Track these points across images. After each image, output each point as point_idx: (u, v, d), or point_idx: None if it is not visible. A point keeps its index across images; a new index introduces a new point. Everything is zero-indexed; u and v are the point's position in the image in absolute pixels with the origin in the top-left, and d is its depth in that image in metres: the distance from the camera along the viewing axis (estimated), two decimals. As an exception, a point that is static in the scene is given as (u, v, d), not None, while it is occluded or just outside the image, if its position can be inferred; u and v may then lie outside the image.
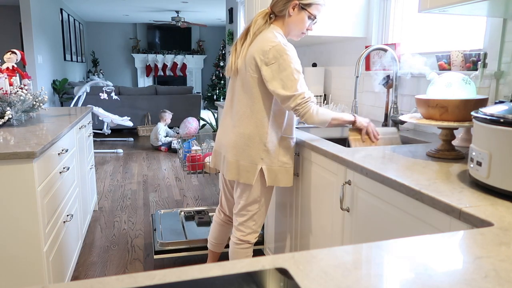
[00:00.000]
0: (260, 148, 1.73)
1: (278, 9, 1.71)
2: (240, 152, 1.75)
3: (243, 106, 1.75)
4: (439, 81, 1.40)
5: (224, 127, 1.86)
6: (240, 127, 1.75)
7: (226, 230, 2.17)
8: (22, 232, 1.68)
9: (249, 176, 1.76)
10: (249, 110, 1.73)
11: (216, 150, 1.94)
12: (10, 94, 2.27)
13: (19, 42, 7.76)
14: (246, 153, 1.74)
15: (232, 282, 0.60)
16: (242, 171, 1.76)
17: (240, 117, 1.76)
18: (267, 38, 1.65)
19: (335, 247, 0.71)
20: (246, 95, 1.73)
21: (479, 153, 1.03)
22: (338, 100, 2.84)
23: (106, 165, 5.08)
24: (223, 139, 1.85)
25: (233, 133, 1.78)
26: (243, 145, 1.74)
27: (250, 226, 1.89)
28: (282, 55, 1.61)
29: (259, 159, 1.74)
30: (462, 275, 0.62)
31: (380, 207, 1.27)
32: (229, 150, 1.79)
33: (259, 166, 1.75)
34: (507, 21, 1.58)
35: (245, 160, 1.75)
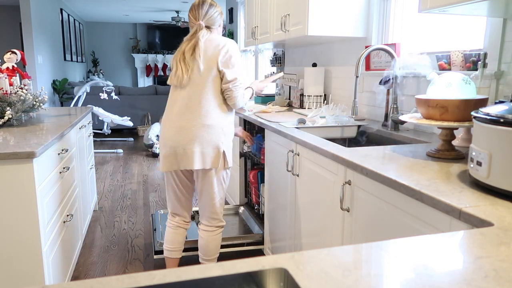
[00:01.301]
0: (220, 133, 2.00)
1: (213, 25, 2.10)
2: (203, 142, 1.96)
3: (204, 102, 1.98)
4: (439, 81, 1.40)
5: (178, 127, 1.98)
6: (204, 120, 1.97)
7: (183, 233, 2.24)
8: (22, 232, 1.68)
9: (215, 161, 2.00)
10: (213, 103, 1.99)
11: (167, 154, 2.00)
12: (10, 94, 2.27)
13: (19, 42, 7.76)
14: (207, 140, 1.98)
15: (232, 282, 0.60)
16: (208, 158, 1.98)
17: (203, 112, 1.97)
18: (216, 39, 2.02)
19: (335, 247, 0.71)
20: (206, 92, 1.98)
21: (479, 153, 1.03)
22: (338, 100, 2.84)
23: (106, 165, 5.08)
24: (179, 137, 1.97)
25: (195, 128, 1.96)
26: (206, 134, 1.97)
27: (221, 211, 2.15)
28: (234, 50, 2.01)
29: (220, 143, 2.00)
30: (462, 275, 0.62)
31: (380, 207, 1.27)
32: (191, 144, 1.96)
33: (221, 149, 2.00)
34: (507, 21, 1.58)
35: (208, 147, 1.98)
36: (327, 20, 2.42)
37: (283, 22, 2.76)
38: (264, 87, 2.36)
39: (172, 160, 2.00)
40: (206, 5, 2.05)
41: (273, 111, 2.91)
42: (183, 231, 2.23)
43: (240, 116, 2.95)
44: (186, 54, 2.01)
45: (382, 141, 2.10)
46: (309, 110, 2.84)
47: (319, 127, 2.23)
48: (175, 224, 2.22)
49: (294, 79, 3.38)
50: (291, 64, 3.71)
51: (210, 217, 2.12)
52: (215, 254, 2.20)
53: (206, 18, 2.05)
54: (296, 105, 3.22)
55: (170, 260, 2.24)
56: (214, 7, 2.07)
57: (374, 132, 2.19)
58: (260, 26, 3.31)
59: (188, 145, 1.96)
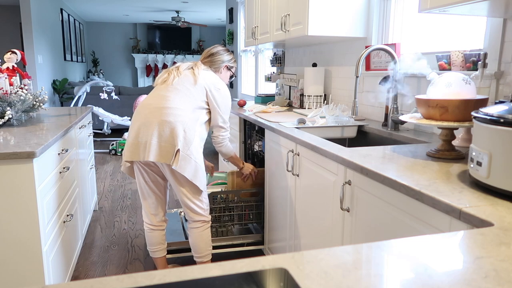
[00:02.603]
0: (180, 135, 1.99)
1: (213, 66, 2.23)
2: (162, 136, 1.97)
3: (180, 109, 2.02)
4: (439, 81, 1.40)
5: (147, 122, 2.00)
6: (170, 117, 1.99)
7: (160, 234, 2.25)
8: (22, 232, 1.68)
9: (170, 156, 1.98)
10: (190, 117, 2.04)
11: (131, 143, 2.01)
12: (10, 94, 2.27)
13: (19, 42, 7.77)
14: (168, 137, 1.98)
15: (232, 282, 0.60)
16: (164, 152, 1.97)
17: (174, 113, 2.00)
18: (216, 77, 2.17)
19: (335, 247, 0.71)
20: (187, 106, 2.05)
21: (479, 153, 1.03)
22: (338, 100, 2.84)
23: (106, 165, 5.08)
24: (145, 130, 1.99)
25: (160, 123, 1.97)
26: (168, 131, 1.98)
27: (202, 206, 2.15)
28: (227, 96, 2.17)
29: (178, 141, 1.98)
30: (462, 275, 0.62)
31: (380, 207, 1.27)
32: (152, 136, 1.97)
33: (177, 147, 1.97)
34: (507, 21, 1.58)
35: (167, 142, 1.97)
36: (327, 20, 2.42)
37: (283, 22, 2.76)
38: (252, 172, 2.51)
39: (134, 150, 1.99)
40: (215, 50, 2.24)
41: (273, 111, 2.91)
42: (158, 233, 2.23)
43: (241, 116, 2.95)
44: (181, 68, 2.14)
45: (382, 141, 2.10)
46: (309, 110, 2.84)
47: (319, 127, 2.23)
48: (149, 227, 2.23)
49: (294, 79, 3.38)
50: (291, 64, 3.71)
51: (190, 213, 2.13)
52: (206, 251, 2.19)
53: (207, 60, 2.23)
54: (296, 105, 3.22)
55: (156, 259, 2.29)
56: (221, 55, 2.23)
57: (374, 132, 2.19)
58: (260, 26, 3.31)
59: (149, 137, 1.96)
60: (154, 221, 2.21)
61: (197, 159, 2.03)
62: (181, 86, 2.07)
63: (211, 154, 5.64)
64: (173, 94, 2.04)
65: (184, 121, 2.00)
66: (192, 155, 2.00)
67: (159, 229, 2.23)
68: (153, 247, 2.25)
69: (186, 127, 1.99)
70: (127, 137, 2.04)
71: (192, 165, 2.00)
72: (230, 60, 2.28)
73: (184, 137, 1.98)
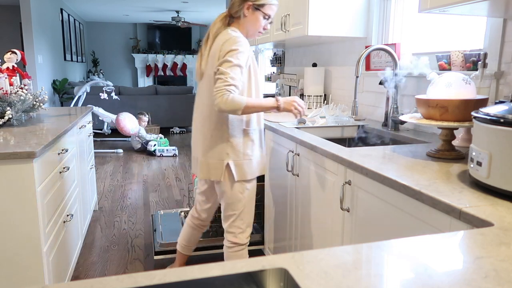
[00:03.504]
0: (224, 144, 1.79)
1: (234, 11, 1.79)
2: (207, 150, 1.82)
3: (205, 107, 1.82)
4: (439, 81, 1.39)
5: (194, 131, 1.93)
6: (204, 127, 1.82)
7: (198, 234, 2.21)
8: (22, 232, 1.68)
9: (217, 172, 1.82)
10: (211, 108, 1.79)
11: (192, 155, 1.97)
12: (10, 94, 2.27)
13: (19, 42, 7.76)
14: (213, 151, 1.81)
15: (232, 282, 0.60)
16: (212, 169, 1.83)
17: (204, 118, 1.83)
18: (223, 36, 1.74)
19: (335, 247, 0.71)
20: (208, 95, 1.80)
21: (479, 153, 1.03)
22: (338, 100, 2.84)
23: (106, 165, 5.08)
24: (194, 143, 1.92)
25: (201, 134, 1.85)
26: (209, 144, 1.81)
27: (239, 225, 1.92)
28: (231, 47, 1.67)
29: (225, 155, 1.80)
30: (462, 275, 0.62)
31: (380, 207, 1.27)
32: (199, 151, 1.86)
33: (225, 161, 1.80)
34: (507, 21, 1.58)
35: (213, 158, 1.82)
36: (327, 20, 2.42)
37: (283, 22, 2.76)
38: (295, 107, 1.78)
39: (194, 163, 1.96)
40: None
41: (273, 111, 2.91)
42: (198, 232, 2.19)
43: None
44: (203, 42, 1.84)
45: (382, 141, 2.10)
46: (309, 110, 2.84)
47: (319, 127, 2.23)
48: (190, 224, 2.18)
49: (294, 79, 3.38)
50: (291, 64, 3.71)
51: (226, 229, 1.96)
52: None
53: (230, 5, 1.82)
54: (296, 105, 3.22)
55: (181, 255, 2.24)
56: None
57: (374, 132, 2.19)
58: (260, 26, 3.31)
59: (199, 153, 1.87)
60: (198, 221, 2.16)
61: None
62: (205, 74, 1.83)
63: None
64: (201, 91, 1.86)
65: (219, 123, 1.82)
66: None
67: (201, 230, 2.19)
68: (187, 243, 2.19)
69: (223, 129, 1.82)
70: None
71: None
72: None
73: (232, 145, 1.81)
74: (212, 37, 1.79)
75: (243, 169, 1.83)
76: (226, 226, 1.94)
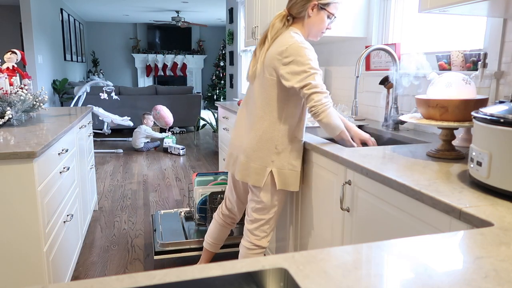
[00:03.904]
0: (271, 151, 1.73)
1: (296, 11, 1.70)
2: (251, 153, 1.75)
3: (257, 109, 1.74)
4: (439, 81, 1.40)
5: (238, 130, 1.86)
6: (253, 129, 1.75)
7: (226, 232, 2.18)
8: (22, 232, 1.68)
9: (258, 178, 1.75)
10: (263, 112, 1.73)
11: (229, 153, 1.92)
12: (10, 94, 2.27)
13: (19, 42, 7.76)
14: (257, 155, 1.74)
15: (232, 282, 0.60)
16: (252, 173, 1.76)
17: (254, 120, 1.76)
18: (284, 40, 1.65)
19: (335, 247, 0.71)
20: (262, 98, 1.73)
21: (479, 153, 1.03)
22: (338, 100, 2.84)
23: (106, 165, 5.08)
24: (236, 141, 1.86)
25: (248, 135, 1.78)
26: (255, 147, 1.74)
27: (265, 230, 1.87)
28: (299, 52, 1.60)
29: (270, 162, 1.74)
30: (462, 275, 0.62)
31: (380, 207, 1.27)
32: (242, 152, 1.79)
33: (269, 168, 1.74)
34: (507, 21, 1.58)
35: (256, 162, 1.74)
36: (327, 20, 2.42)
37: (283, 22, 2.76)
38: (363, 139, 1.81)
39: (229, 161, 1.91)
40: None
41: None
42: (226, 229, 2.17)
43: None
44: (258, 44, 1.73)
45: (382, 141, 2.10)
46: (309, 110, 2.83)
47: (319, 127, 2.23)
48: (219, 221, 2.15)
49: (294, 79, 3.38)
50: (291, 64, 3.70)
51: (250, 229, 1.90)
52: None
53: (291, 4, 1.72)
54: (296, 105, 3.22)
55: (208, 252, 2.22)
56: None
57: (374, 132, 2.19)
58: (260, 26, 3.31)
59: (240, 153, 1.81)
60: (227, 218, 2.13)
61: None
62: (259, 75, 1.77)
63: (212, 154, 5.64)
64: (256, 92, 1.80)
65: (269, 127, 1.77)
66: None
67: (230, 227, 2.16)
68: (214, 241, 2.17)
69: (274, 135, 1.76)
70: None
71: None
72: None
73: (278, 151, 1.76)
74: (271, 39, 1.71)
75: (287, 179, 1.76)
76: (251, 228, 1.88)
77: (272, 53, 1.67)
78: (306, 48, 1.62)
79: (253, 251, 1.91)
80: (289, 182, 1.77)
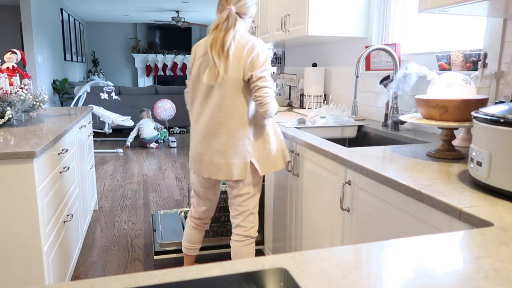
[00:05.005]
0: (246, 143, 1.82)
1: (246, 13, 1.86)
2: (228, 152, 1.82)
3: (224, 108, 1.80)
4: (439, 81, 1.39)
5: (205, 134, 1.86)
6: (224, 129, 1.81)
7: (201, 234, 2.22)
8: (22, 232, 1.68)
9: (241, 172, 1.84)
10: (231, 110, 1.80)
11: (198, 158, 1.91)
12: (10, 94, 2.27)
13: (19, 42, 7.76)
14: (234, 151, 1.82)
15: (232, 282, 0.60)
16: (235, 169, 1.84)
17: (221, 120, 1.81)
18: (246, 39, 1.78)
19: (335, 247, 0.71)
20: (227, 97, 1.78)
21: (479, 153, 1.03)
22: (338, 100, 2.84)
23: (106, 165, 5.08)
24: (204, 145, 1.86)
25: (218, 136, 1.82)
26: (230, 145, 1.81)
27: (251, 220, 1.98)
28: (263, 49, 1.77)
29: (247, 153, 1.83)
30: (462, 275, 0.62)
31: (380, 207, 1.27)
32: (215, 153, 1.84)
33: (248, 159, 1.84)
34: (507, 21, 1.58)
35: (234, 158, 1.83)
36: (327, 20, 2.42)
37: (283, 22, 2.76)
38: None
39: (199, 165, 1.91)
40: None
41: (273, 111, 2.91)
42: (199, 232, 2.20)
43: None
44: (224, 48, 1.73)
45: (382, 141, 2.10)
46: (309, 110, 2.83)
47: (319, 127, 2.23)
48: (192, 225, 2.19)
49: (294, 79, 3.38)
50: (291, 64, 3.71)
51: (237, 223, 1.98)
52: None
53: (239, 4, 1.78)
54: (296, 105, 3.22)
55: (187, 256, 2.26)
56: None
57: (374, 132, 2.19)
58: (260, 26, 3.31)
59: (214, 155, 1.84)
60: (198, 221, 2.16)
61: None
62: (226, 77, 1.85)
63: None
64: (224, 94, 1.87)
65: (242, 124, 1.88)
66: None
67: (203, 228, 2.20)
68: (190, 245, 2.20)
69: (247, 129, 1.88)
70: (191, 146, 1.96)
71: None
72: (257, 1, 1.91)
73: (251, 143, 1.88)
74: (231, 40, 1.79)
75: (267, 163, 1.88)
76: (238, 222, 1.98)
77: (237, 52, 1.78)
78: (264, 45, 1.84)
79: (243, 242, 1.99)
80: (271, 165, 1.89)
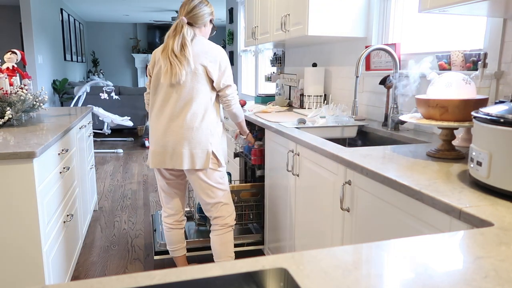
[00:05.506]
0: (208, 135, 2.01)
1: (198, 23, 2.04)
2: (192, 142, 1.98)
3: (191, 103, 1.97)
4: (439, 81, 1.39)
5: (164, 128, 2.00)
6: (187, 121, 1.97)
7: (180, 232, 2.26)
8: (22, 232, 1.68)
9: (203, 162, 2.01)
10: (197, 104, 1.98)
11: (160, 151, 2.02)
12: (10, 94, 2.27)
13: (19, 42, 7.76)
14: (198, 141, 1.99)
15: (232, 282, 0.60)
16: (197, 158, 2.00)
17: (184, 113, 1.97)
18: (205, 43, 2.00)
19: (335, 247, 0.71)
20: (195, 92, 1.97)
21: (479, 153, 1.03)
22: (338, 100, 2.84)
23: (106, 165, 5.08)
24: (166, 138, 2.00)
25: (180, 128, 1.97)
26: (195, 136, 1.98)
27: (226, 209, 2.14)
28: (223, 56, 2.02)
29: (209, 144, 2.01)
30: (462, 275, 0.62)
31: (380, 207, 1.27)
32: (180, 144, 1.98)
33: (210, 150, 2.01)
34: (507, 21, 1.58)
35: (197, 148, 1.99)
36: (327, 20, 2.42)
37: (283, 22, 2.76)
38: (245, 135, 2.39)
39: (161, 158, 2.02)
40: (195, 1, 2.00)
41: (273, 111, 2.91)
42: (177, 231, 2.25)
43: (240, 116, 2.94)
44: (175, 51, 1.93)
45: (382, 141, 2.10)
46: (309, 110, 2.83)
47: (319, 127, 2.23)
48: (168, 226, 2.25)
49: (294, 79, 3.38)
50: (291, 64, 3.71)
51: (214, 216, 2.14)
52: (226, 257, 2.17)
53: (190, 15, 1.99)
54: (296, 105, 3.22)
55: (176, 258, 2.30)
56: (203, 5, 2.01)
57: (374, 132, 2.19)
58: (260, 26, 3.31)
59: (177, 145, 1.98)
60: (173, 220, 2.23)
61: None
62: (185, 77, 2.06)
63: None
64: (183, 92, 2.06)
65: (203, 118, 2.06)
66: None
67: (178, 227, 2.25)
68: (173, 246, 2.26)
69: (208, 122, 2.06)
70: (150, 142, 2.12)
71: None
72: (212, 11, 2.08)
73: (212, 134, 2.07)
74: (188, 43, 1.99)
75: (220, 156, 2.08)
76: (214, 214, 2.13)
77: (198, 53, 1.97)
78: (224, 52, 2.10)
79: (222, 230, 2.14)
80: (222, 154, 2.09)
